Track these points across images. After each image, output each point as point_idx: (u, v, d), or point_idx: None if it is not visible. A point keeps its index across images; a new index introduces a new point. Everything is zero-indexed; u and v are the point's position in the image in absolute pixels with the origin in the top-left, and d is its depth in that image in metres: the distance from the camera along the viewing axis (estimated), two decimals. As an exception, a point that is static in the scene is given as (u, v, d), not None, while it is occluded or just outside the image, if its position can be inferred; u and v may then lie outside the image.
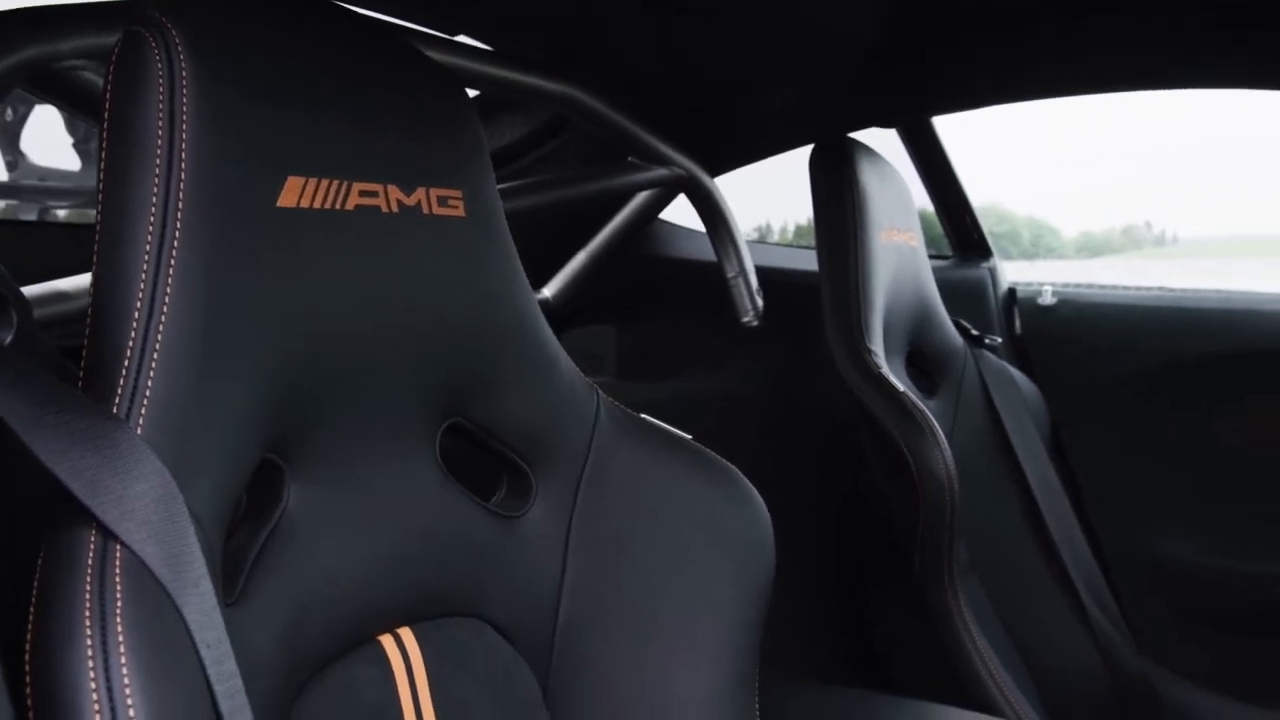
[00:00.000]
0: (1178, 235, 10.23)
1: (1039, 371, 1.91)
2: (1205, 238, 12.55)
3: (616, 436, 0.86)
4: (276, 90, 0.65)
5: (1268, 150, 7.75)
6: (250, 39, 0.65)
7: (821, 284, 1.46)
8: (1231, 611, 1.79)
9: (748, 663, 0.84)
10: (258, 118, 0.63)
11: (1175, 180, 9.02)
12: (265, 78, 0.65)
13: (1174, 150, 9.46)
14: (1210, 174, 7.86)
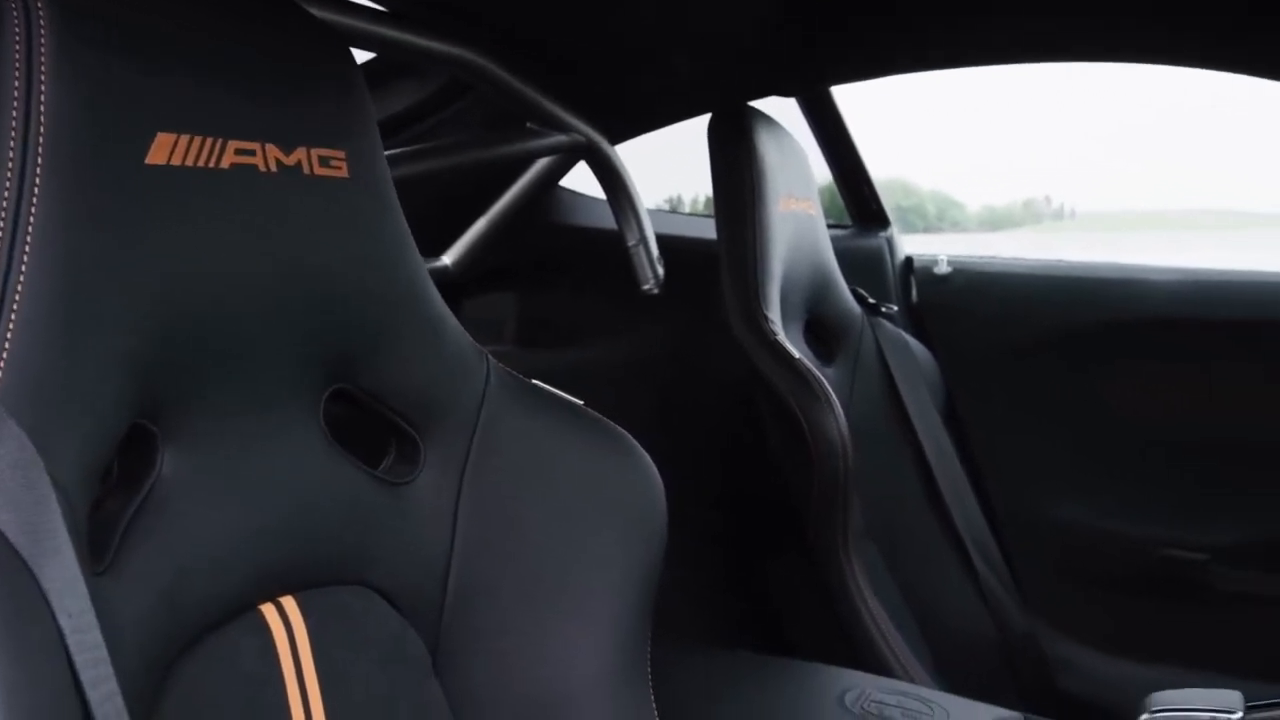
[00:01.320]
0: (1075, 209, 10.47)
1: (934, 339, 1.95)
2: (1101, 212, 12.83)
3: (507, 402, 0.85)
4: (146, 47, 0.63)
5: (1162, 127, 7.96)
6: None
7: (719, 252, 1.46)
8: (1116, 572, 1.85)
9: (639, 627, 0.84)
10: (124, 74, 0.61)
11: (1074, 156, 9.17)
12: (133, 35, 0.63)
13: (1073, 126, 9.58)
14: (1107, 150, 8.05)
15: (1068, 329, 1.87)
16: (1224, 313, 1.77)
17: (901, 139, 5.24)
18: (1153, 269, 1.87)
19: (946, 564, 1.70)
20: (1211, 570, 1.77)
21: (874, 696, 1.10)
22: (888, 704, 1.09)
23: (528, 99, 1.35)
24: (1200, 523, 1.79)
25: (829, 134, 1.95)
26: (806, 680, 1.17)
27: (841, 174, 2.02)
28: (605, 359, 1.70)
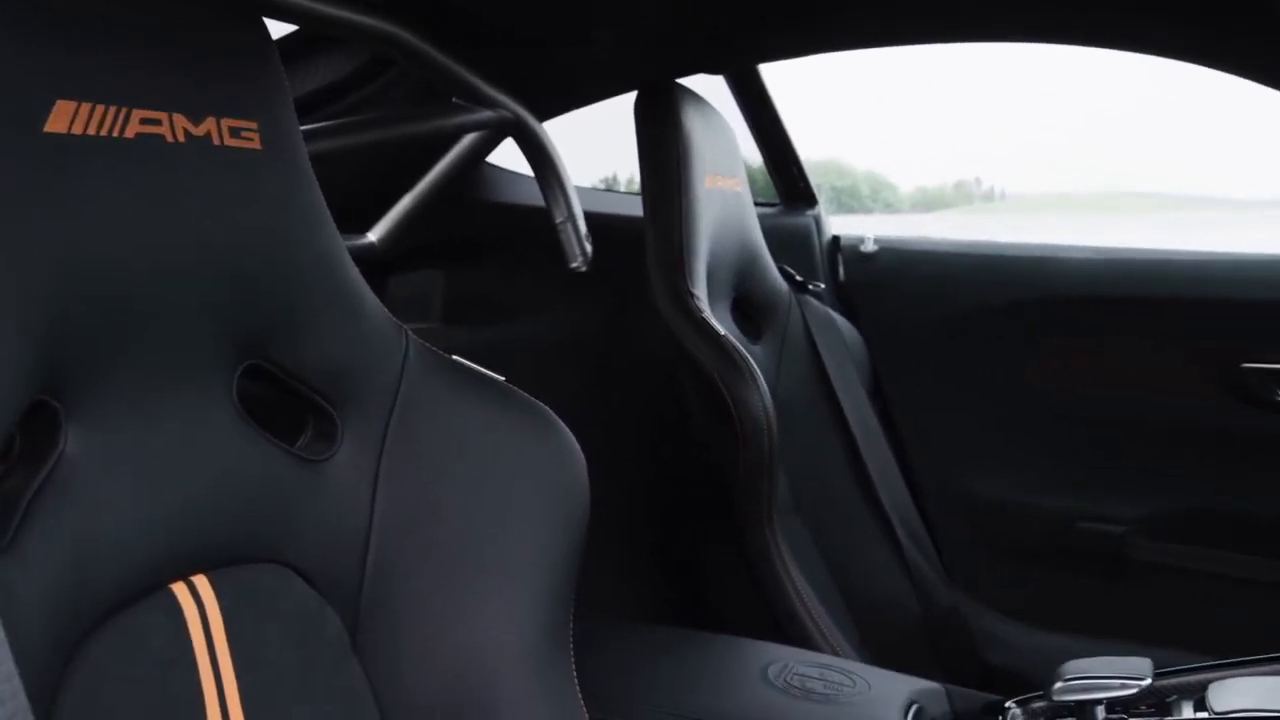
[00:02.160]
0: (1005, 191, 10.63)
1: (861, 317, 1.96)
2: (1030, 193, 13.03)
3: (426, 378, 0.84)
4: (44, 13, 0.61)
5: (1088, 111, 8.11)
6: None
7: (646, 229, 1.46)
8: (1036, 545, 1.89)
9: (562, 604, 0.84)
10: (21, 41, 0.59)
11: (1004, 138, 9.35)
12: (32, 2, 0.61)
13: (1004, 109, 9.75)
14: (1036, 133, 8.20)
15: (989, 307, 1.90)
16: (1138, 290, 1.81)
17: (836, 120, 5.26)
18: (1068, 248, 1.91)
19: (871, 539, 1.72)
20: (1127, 542, 1.81)
21: (797, 669, 1.11)
22: (810, 676, 1.10)
23: (453, 74, 1.33)
24: (1117, 496, 1.83)
25: (757, 112, 1.96)
26: (730, 654, 1.18)
27: (769, 152, 2.03)
28: (533, 337, 1.69)
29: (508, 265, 1.77)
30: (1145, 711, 0.98)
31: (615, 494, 1.64)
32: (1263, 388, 1.71)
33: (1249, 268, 1.77)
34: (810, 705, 1.04)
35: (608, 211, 1.80)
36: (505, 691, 0.80)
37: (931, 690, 1.13)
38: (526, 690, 0.81)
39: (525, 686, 0.81)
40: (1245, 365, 1.72)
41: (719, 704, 1.05)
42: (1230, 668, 1.07)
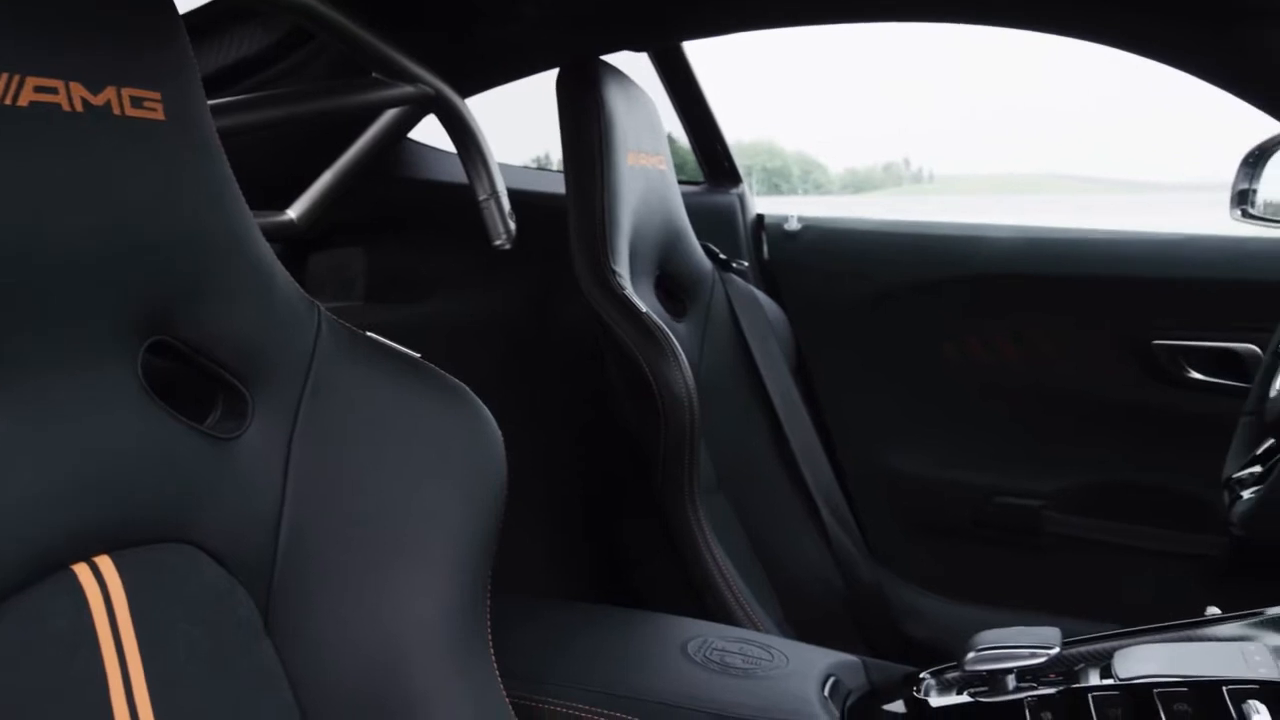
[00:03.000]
0: (934, 172, 10.78)
1: (784, 295, 1.98)
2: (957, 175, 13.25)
3: (339, 354, 0.83)
4: None
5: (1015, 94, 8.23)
6: None
7: (568, 206, 1.46)
8: (956, 520, 1.92)
9: (478, 583, 0.84)
10: None
11: (932, 120, 9.51)
12: None
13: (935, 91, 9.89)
14: (964, 115, 8.34)
15: (910, 285, 1.92)
16: (1055, 269, 1.84)
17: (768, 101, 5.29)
18: (988, 227, 1.94)
19: (795, 516, 1.74)
20: (1043, 516, 1.85)
21: (716, 644, 1.12)
22: (730, 651, 1.11)
23: (372, 48, 1.31)
24: (1034, 471, 1.87)
25: (681, 91, 1.96)
26: (650, 630, 1.19)
27: (694, 131, 2.03)
28: (457, 315, 1.68)
29: (430, 242, 1.76)
30: (1054, 679, 1.00)
31: (537, 471, 1.64)
32: (1172, 364, 1.76)
33: (1160, 247, 1.82)
34: (728, 679, 1.05)
35: (532, 189, 1.80)
36: (421, 670, 0.79)
37: (849, 663, 1.14)
38: (443, 669, 0.80)
39: (441, 665, 0.80)
40: (1156, 343, 1.76)
41: (637, 679, 1.05)
42: (1135, 636, 1.10)
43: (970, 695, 1.00)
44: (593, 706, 1.01)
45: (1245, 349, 1.70)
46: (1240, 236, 1.74)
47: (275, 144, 1.48)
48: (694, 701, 1.01)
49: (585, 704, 1.01)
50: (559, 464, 1.69)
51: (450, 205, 1.62)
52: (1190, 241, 1.81)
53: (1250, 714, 0.84)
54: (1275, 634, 1.06)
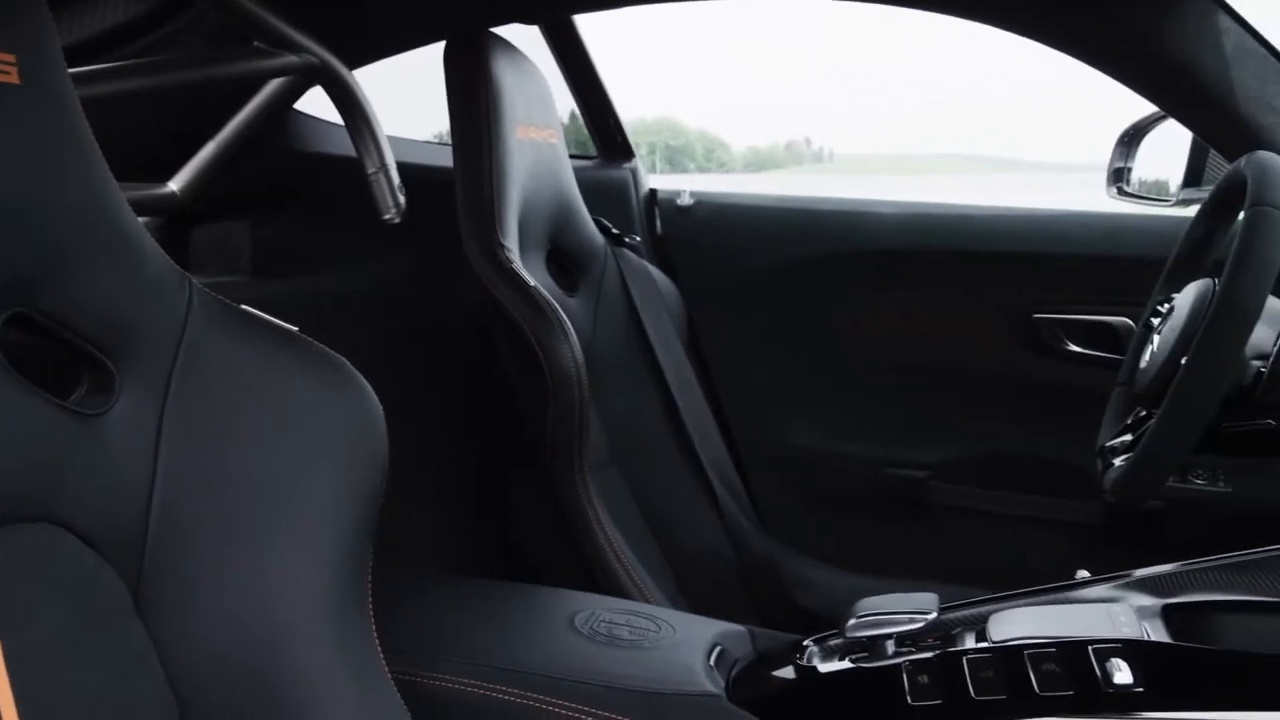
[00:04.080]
0: (834, 151, 10.94)
1: (677, 270, 1.99)
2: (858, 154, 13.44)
3: (213, 328, 0.82)
4: None
5: (916, 74, 8.36)
6: None
7: (456, 180, 1.44)
8: (846, 491, 1.96)
9: (358, 560, 0.83)
10: None
11: (834, 99, 9.62)
12: None
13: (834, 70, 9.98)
14: (866, 95, 8.46)
15: (802, 260, 1.95)
16: (941, 244, 1.88)
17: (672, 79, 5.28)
18: (877, 203, 1.97)
19: (687, 489, 1.75)
20: (930, 486, 1.90)
21: (604, 617, 1.12)
22: (617, 623, 1.11)
23: (253, 16, 1.28)
24: (921, 442, 1.91)
25: (573, 65, 1.95)
26: (538, 604, 1.19)
27: (586, 105, 2.02)
28: (345, 289, 1.65)
29: (318, 216, 1.73)
30: (932, 644, 1.03)
31: (427, 447, 1.63)
32: (1052, 336, 1.81)
33: (1040, 223, 1.86)
34: (614, 651, 1.05)
35: (422, 162, 1.77)
36: (300, 649, 0.78)
37: (735, 633, 1.16)
38: (322, 647, 0.79)
39: (321, 643, 0.79)
40: (1037, 316, 1.81)
41: (524, 653, 1.05)
42: (1009, 600, 1.13)
43: (851, 661, 1.02)
44: (478, 680, 1.01)
45: (1120, 322, 1.75)
46: (1116, 213, 1.79)
47: (156, 114, 1.44)
48: (580, 674, 1.01)
49: (470, 678, 1.01)
50: (449, 439, 1.68)
51: (338, 178, 1.59)
52: (1069, 218, 1.86)
53: (1113, 671, 0.87)
54: (1140, 595, 1.11)
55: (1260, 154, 1.13)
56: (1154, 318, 1.28)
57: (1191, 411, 1.07)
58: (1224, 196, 1.24)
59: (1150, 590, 1.11)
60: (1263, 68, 1.42)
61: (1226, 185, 1.22)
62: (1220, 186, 1.25)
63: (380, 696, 0.84)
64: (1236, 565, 1.12)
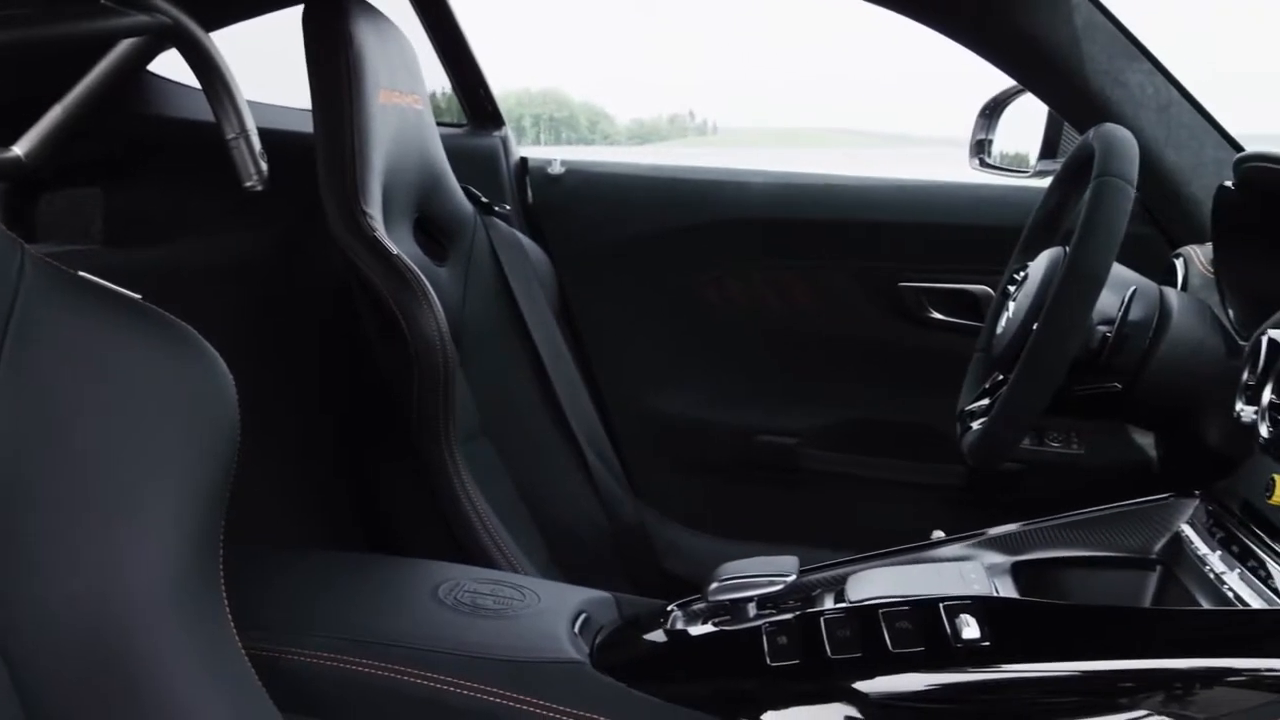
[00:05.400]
0: (717, 124, 11.01)
1: (548, 239, 1.98)
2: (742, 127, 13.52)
3: (46, 296, 0.78)
4: None
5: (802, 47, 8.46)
6: None
7: (316, 145, 1.41)
8: (717, 459, 1.97)
9: (208, 534, 0.81)
10: None
11: (717, 72, 9.65)
12: None
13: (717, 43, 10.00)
14: (748, 68, 8.51)
15: (672, 229, 1.95)
16: (809, 213, 1.91)
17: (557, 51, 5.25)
18: (749, 172, 1.98)
19: (559, 459, 1.75)
20: (799, 452, 1.93)
21: (468, 587, 1.11)
22: (482, 593, 1.11)
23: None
24: (791, 409, 1.94)
25: (441, 31, 1.92)
26: (402, 575, 1.17)
27: (455, 72, 1.99)
28: (204, 258, 1.60)
29: (175, 183, 1.67)
30: (793, 606, 1.04)
31: (290, 418, 1.60)
32: (916, 304, 1.85)
33: (905, 193, 1.90)
34: (478, 620, 1.05)
35: (286, 128, 1.73)
36: (145, 627, 0.76)
37: (601, 599, 1.16)
38: (169, 625, 0.77)
39: (168, 620, 0.77)
40: (901, 284, 1.85)
41: (385, 625, 1.04)
42: (867, 561, 1.16)
43: (714, 625, 1.03)
44: (338, 654, 0.99)
45: (980, 290, 1.79)
46: (978, 184, 1.83)
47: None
48: (442, 644, 1.00)
49: (331, 652, 1.00)
50: (314, 410, 1.65)
51: (196, 144, 1.54)
52: (933, 189, 1.90)
53: (962, 627, 0.90)
54: (992, 553, 1.14)
55: (1107, 126, 1.16)
56: (1010, 285, 1.31)
57: (1041, 375, 1.10)
58: (1074, 167, 1.28)
59: (1001, 548, 1.14)
60: (1111, 43, 1.47)
61: (1076, 156, 1.26)
62: (1071, 158, 1.29)
63: (233, 673, 0.82)
64: (1082, 522, 1.16)
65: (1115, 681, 0.85)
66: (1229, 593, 0.95)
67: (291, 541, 1.53)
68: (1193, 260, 1.36)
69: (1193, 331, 1.19)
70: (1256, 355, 1.02)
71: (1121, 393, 1.20)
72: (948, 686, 0.89)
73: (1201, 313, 1.22)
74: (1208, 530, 1.07)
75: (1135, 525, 1.14)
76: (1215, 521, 1.07)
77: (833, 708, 0.90)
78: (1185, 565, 1.06)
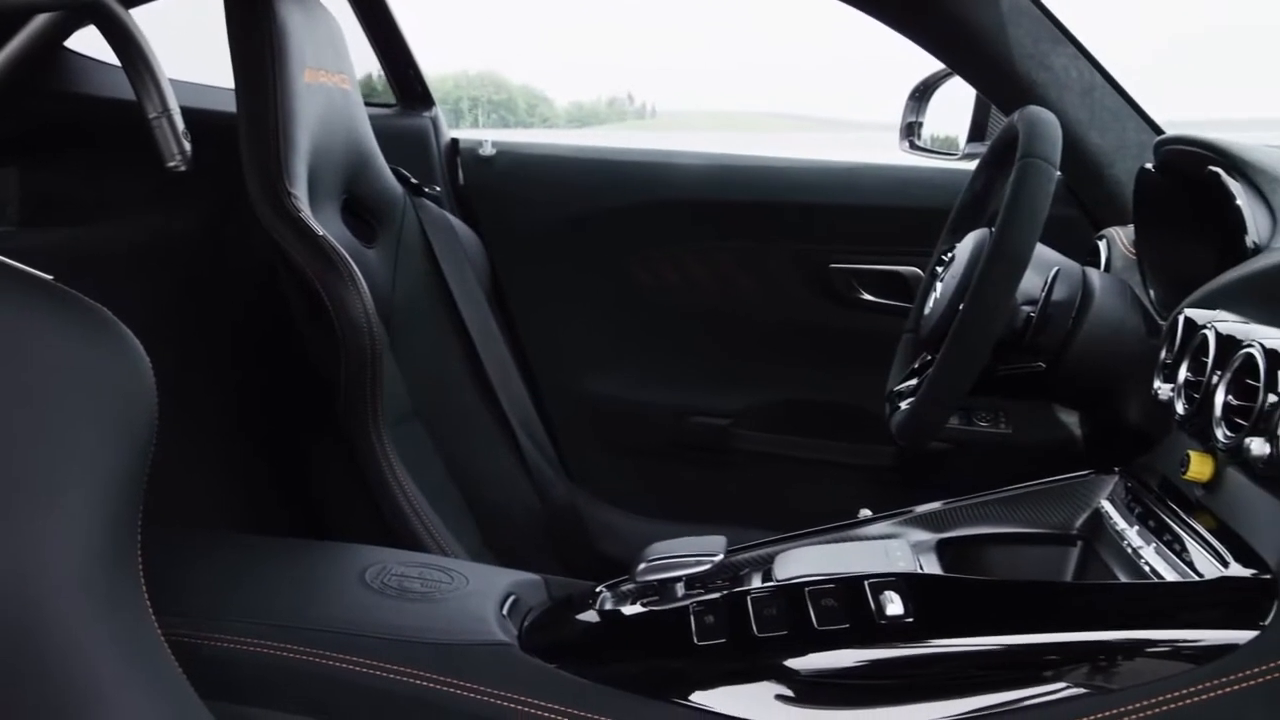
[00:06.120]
0: (656, 108, 11.01)
1: (480, 221, 1.96)
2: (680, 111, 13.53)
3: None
4: None
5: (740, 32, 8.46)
6: None
7: (239, 125, 1.38)
8: (649, 441, 1.98)
9: (124, 519, 0.79)
10: None
11: (656, 56, 9.63)
12: None
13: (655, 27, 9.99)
14: (687, 52, 8.51)
15: (605, 210, 1.95)
16: (742, 195, 1.91)
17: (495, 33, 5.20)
18: (681, 154, 1.98)
19: (491, 441, 1.74)
20: (731, 433, 1.93)
21: (396, 570, 1.10)
22: (409, 576, 1.10)
23: (12, -55, 1.20)
24: (723, 390, 1.94)
25: (369, 11, 1.89)
26: (328, 560, 1.16)
27: (384, 53, 1.97)
28: (126, 240, 1.57)
29: (96, 163, 1.64)
30: (720, 585, 1.05)
31: (217, 403, 1.57)
32: (847, 286, 1.86)
33: (836, 175, 1.91)
34: (405, 604, 1.04)
35: (210, 107, 1.70)
36: (60, 616, 0.74)
37: (530, 581, 1.16)
38: (82, 611, 0.76)
39: (80, 607, 0.76)
40: (833, 265, 1.86)
41: (311, 609, 1.03)
42: (795, 540, 1.16)
43: (643, 605, 1.03)
44: (260, 639, 0.98)
45: (910, 271, 1.81)
46: (908, 166, 1.84)
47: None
48: (368, 628, 0.99)
49: (253, 637, 0.98)
50: (241, 394, 1.62)
51: (117, 123, 1.51)
52: (864, 171, 1.91)
53: (886, 604, 0.90)
54: (918, 530, 1.15)
55: (1031, 108, 1.17)
56: (939, 267, 1.32)
57: (967, 355, 1.11)
58: (999, 150, 1.29)
59: (927, 526, 1.16)
60: (1036, 27, 1.49)
61: (1002, 139, 1.27)
62: (996, 140, 1.30)
63: (150, 657, 0.81)
64: (1006, 500, 1.18)
65: (1036, 655, 0.87)
66: (1145, 566, 0.97)
67: (220, 526, 1.51)
68: (1116, 241, 1.39)
69: (1114, 311, 1.21)
70: (1174, 334, 1.04)
71: (1046, 372, 1.21)
72: (873, 662, 0.89)
73: (1123, 293, 1.24)
74: (1126, 506, 1.09)
75: (1057, 502, 1.16)
76: (1134, 497, 1.09)
77: (760, 686, 0.91)
78: (1105, 540, 1.08)
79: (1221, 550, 0.90)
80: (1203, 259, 1.17)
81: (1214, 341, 0.95)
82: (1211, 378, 0.94)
